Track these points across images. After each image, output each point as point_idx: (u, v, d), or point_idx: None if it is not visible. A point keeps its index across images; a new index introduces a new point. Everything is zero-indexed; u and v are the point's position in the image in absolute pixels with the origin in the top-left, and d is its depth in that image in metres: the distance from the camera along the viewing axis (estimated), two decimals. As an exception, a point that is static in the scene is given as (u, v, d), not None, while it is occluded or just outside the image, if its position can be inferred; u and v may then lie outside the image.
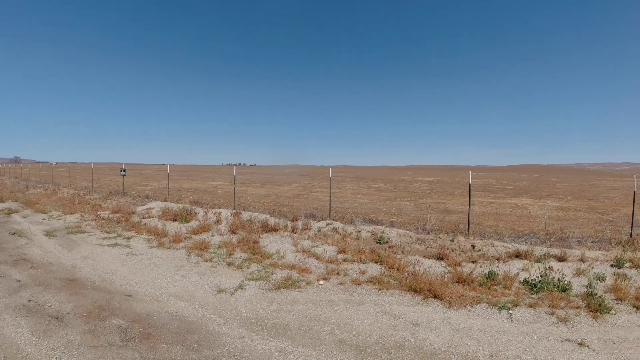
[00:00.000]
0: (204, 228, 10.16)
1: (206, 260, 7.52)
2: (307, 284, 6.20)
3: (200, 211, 12.23)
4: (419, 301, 5.50)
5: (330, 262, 7.23)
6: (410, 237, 8.64)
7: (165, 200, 15.42)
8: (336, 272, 6.71)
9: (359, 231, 9.31)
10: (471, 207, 10.34)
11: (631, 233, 9.52)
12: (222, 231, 9.92)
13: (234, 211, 12.11)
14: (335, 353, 4.05)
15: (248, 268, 7.02)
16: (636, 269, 6.81)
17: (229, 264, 7.25)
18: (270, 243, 8.69)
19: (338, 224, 10.01)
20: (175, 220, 11.45)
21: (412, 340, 4.37)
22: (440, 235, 8.63)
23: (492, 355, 4.04)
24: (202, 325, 4.69)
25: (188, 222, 11.17)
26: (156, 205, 13.91)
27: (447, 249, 7.69)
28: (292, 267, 6.98)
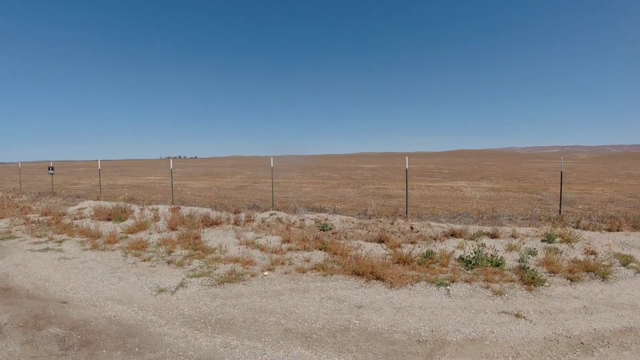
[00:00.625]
0: (140, 226, 9.72)
1: (144, 260, 7.20)
2: (252, 276, 6.14)
3: (136, 208, 11.69)
4: (362, 284, 5.62)
5: (275, 253, 7.20)
6: (353, 223, 8.81)
7: (98, 199, 14.58)
8: (281, 262, 6.70)
9: (303, 220, 9.35)
10: (410, 191, 10.70)
11: (560, 210, 10.29)
12: (161, 228, 9.54)
13: (172, 207, 11.70)
14: (281, 343, 4.05)
15: (189, 265, 6.82)
16: (567, 243, 7.37)
17: (169, 262, 7.00)
18: (212, 237, 8.49)
19: (282, 214, 9.99)
20: (109, 219, 10.85)
21: (357, 322, 4.47)
22: (381, 219, 8.87)
23: (432, 331, 4.22)
24: (143, 328, 4.50)
25: (123, 220, 10.63)
26: (88, 205, 13.11)
27: (388, 231, 7.93)
28: (236, 261, 6.87)
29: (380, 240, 7.55)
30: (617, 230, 8.53)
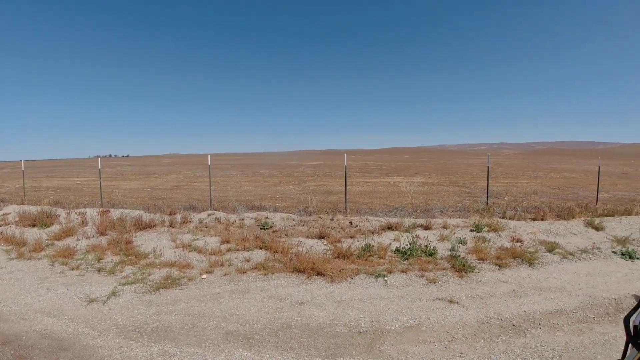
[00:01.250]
0: (67, 232, 9.03)
1: (73, 269, 6.68)
2: (189, 280, 5.90)
3: (63, 213, 10.84)
4: (303, 280, 5.62)
5: (214, 254, 6.99)
6: (294, 220, 8.79)
7: (22, 203, 13.35)
8: (220, 263, 6.51)
9: (243, 219, 9.18)
10: (350, 187, 10.90)
11: (487, 202, 10.97)
12: (89, 233, 8.92)
13: (101, 210, 10.98)
14: (222, 346, 3.93)
15: (122, 272, 6.42)
16: (494, 232, 7.86)
17: (99, 270, 6.54)
18: (146, 241, 8.07)
19: (220, 214, 9.73)
20: (34, 225, 9.97)
21: (299, 319, 4.45)
22: (322, 216, 8.93)
23: (372, 321, 4.30)
24: (75, 341, 4.17)
25: (49, 226, 9.81)
26: (12, 210, 11.95)
27: (328, 227, 8.00)
28: (172, 265, 6.57)
29: (321, 237, 7.60)
30: (542, 220, 9.22)
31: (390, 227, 7.86)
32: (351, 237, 7.49)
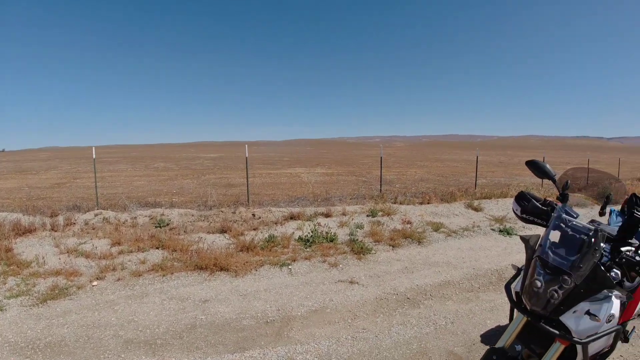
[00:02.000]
0: None
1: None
2: (79, 288, 5.36)
3: None
4: (206, 277, 5.45)
5: (104, 258, 6.40)
6: (193, 215, 8.47)
7: None
8: (112, 267, 6.00)
9: (135, 217, 8.58)
10: (252, 179, 10.81)
11: (380, 189, 11.71)
12: (-47, 244, 7.67)
13: (-35, 216, 9.51)
14: (123, 356, 3.66)
15: (5, 284, 5.60)
16: (387, 216, 8.48)
17: (-23, 284, 5.68)
18: (27, 248, 7.14)
19: (109, 213, 8.98)
20: None
21: (203, 317, 4.32)
22: (223, 209, 8.74)
23: (279, 309, 4.35)
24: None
25: None
26: None
27: (230, 221, 7.86)
28: (58, 273, 5.89)
29: (223, 231, 7.44)
30: (428, 203, 10.18)
31: (292, 217, 8.00)
32: (254, 229, 7.46)
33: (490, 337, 3.87)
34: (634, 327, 3.02)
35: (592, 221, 3.14)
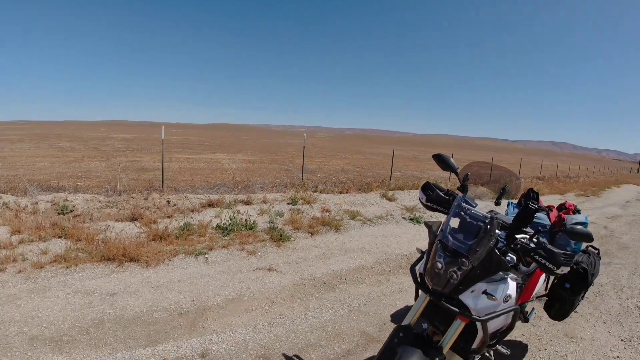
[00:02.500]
0: None
1: None
2: (-24, 281, 4.78)
3: None
4: (114, 269, 5.10)
5: (4, 248, 5.74)
6: (100, 202, 7.87)
7: None
8: (12, 258, 5.37)
9: (36, 203, 7.78)
10: (169, 163, 10.32)
11: (302, 177, 11.82)
12: None
13: None
14: (29, 354, 3.32)
15: None
16: (307, 204, 8.60)
17: None
18: None
19: (9, 198, 8.04)
20: None
21: (112, 312, 4.05)
22: (134, 195, 8.23)
23: (193, 300, 4.22)
24: None
25: None
26: None
27: (142, 208, 7.43)
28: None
29: (133, 218, 7.00)
30: (347, 193, 10.55)
31: (211, 204, 7.77)
32: (169, 217, 7.11)
33: (399, 316, 4.12)
34: (533, 308, 3.35)
35: (491, 211, 3.44)
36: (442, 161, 2.62)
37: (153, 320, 3.87)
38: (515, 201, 3.59)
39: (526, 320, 3.10)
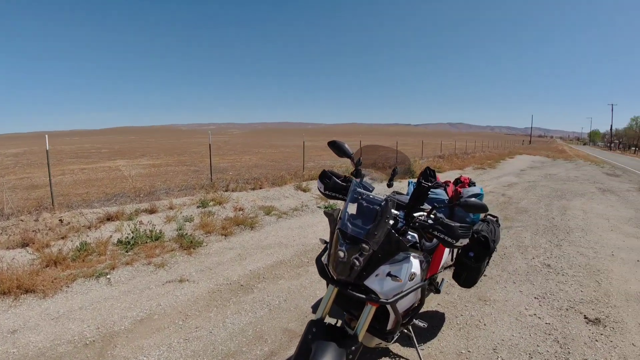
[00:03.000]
0: None
1: None
2: None
3: None
4: (10, 304, 4.46)
5: None
6: (-16, 230, 6.89)
7: None
8: None
9: None
10: (62, 177, 9.34)
11: (211, 177, 11.36)
12: None
13: None
14: None
15: None
16: (219, 205, 8.27)
17: None
18: None
19: None
20: None
21: (15, 350, 3.54)
22: (23, 218, 7.31)
23: (98, 328, 3.84)
24: None
25: None
26: None
27: (33, 231, 6.61)
28: None
29: (25, 244, 6.21)
30: (260, 188, 10.38)
31: (110, 218, 7.12)
32: (63, 238, 6.40)
33: (321, 305, 4.14)
34: (443, 279, 3.53)
35: (394, 192, 3.54)
36: (336, 147, 2.63)
37: (58, 356, 3.47)
38: (415, 180, 3.76)
39: (437, 291, 3.25)
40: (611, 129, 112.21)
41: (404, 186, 4.09)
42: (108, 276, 5.02)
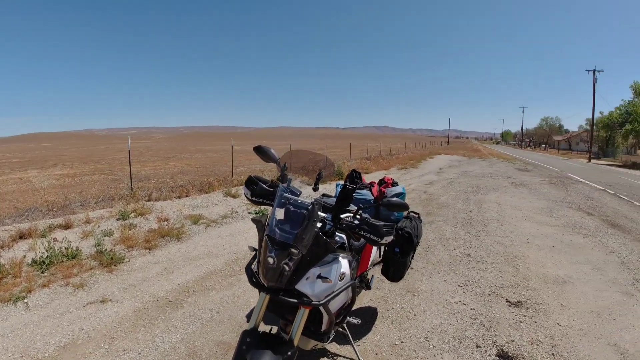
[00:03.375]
0: None
1: None
2: None
3: None
4: None
5: None
6: None
7: None
8: None
9: None
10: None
11: (131, 187, 10.69)
12: None
13: None
14: None
15: None
16: (141, 216, 7.79)
17: None
18: None
19: None
20: None
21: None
22: None
23: (22, 356, 3.45)
24: None
25: None
26: None
27: None
28: None
29: None
30: (186, 196, 9.96)
31: (22, 236, 6.44)
32: (-30, 262, 5.71)
33: (256, 313, 4.07)
34: (373, 275, 3.65)
35: (323, 195, 3.60)
36: (262, 153, 2.62)
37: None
38: (342, 182, 3.85)
39: (369, 287, 3.36)
40: (522, 128, 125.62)
41: (333, 188, 4.18)
42: (26, 300, 4.52)
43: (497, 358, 3.49)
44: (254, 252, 2.56)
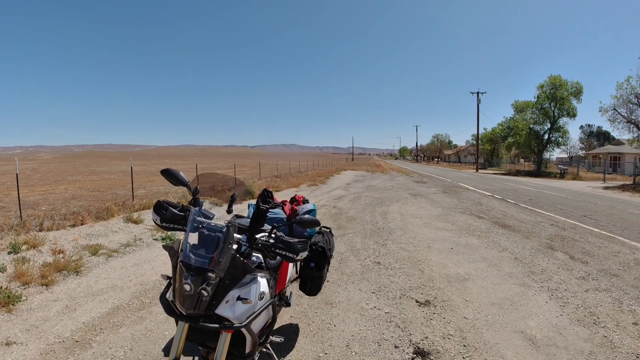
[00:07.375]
0: None
1: None
2: None
3: None
4: None
5: None
6: None
7: None
8: None
9: None
10: None
11: (20, 215, 9.48)
12: None
13: None
14: None
15: None
16: (34, 249, 6.90)
17: None
18: None
19: None
20: None
21: None
22: None
23: None
24: None
25: None
26: None
27: None
28: None
29: None
30: (82, 224, 9.07)
31: None
32: None
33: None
34: (291, 292, 3.70)
35: (236, 216, 3.60)
36: (171, 176, 2.56)
37: None
38: (255, 202, 3.89)
39: (288, 304, 3.41)
40: (417, 145, 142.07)
41: (245, 208, 4.18)
42: None
43: (415, 355, 3.78)
44: (168, 280, 2.48)
